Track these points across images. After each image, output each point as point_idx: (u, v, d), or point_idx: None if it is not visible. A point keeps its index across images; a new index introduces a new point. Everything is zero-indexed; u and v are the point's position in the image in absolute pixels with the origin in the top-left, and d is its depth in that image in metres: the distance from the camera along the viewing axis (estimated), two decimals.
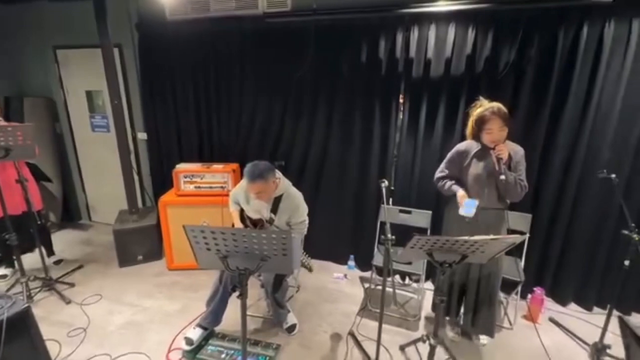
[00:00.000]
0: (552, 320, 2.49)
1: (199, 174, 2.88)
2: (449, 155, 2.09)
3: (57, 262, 3.08)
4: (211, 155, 3.26)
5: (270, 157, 3.05)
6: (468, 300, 2.10)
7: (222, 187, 2.90)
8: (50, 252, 3.08)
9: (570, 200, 2.47)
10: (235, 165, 2.99)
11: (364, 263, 3.10)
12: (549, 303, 2.65)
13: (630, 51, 2.15)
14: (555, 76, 2.30)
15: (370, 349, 2.13)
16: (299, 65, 2.78)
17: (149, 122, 3.39)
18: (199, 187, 2.91)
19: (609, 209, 2.41)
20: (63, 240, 3.58)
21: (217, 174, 2.88)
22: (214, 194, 2.90)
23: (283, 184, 2.14)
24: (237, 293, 1.52)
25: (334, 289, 2.85)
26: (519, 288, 2.45)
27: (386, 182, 1.93)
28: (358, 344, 2.20)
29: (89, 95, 3.60)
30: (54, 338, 2.15)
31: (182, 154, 3.31)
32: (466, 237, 1.52)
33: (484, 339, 2.24)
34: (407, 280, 2.96)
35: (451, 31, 2.43)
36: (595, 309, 2.63)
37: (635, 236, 1.85)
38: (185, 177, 2.88)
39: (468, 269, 2.09)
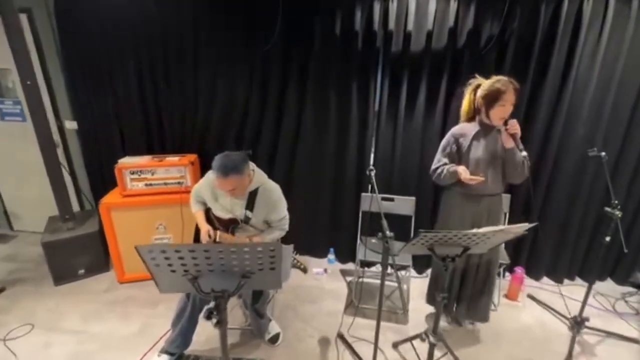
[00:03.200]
0: (530, 296, 2.55)
1: (149, 169, 2.42)
2: (444, 142, 1.91)
3: None
4: (162, 146, 2.77)
5: (235, 145, 2.68)
6: (466, 288, 2.01)
7: (179, 183, 2.48)
8: None
9: (545, 179, 2.49)
10: (193, 157, 2.57)
11: (344, 255, 2.92)
12: (525, 279, 2.72)
13: (606, 27, 2.13)
14: (537, 51, 2.23)
15: (362, 349, 1.97)
16: (265, 38, 2.40)
17: (78, 108, 2.77)
18: (150, 184, 2.45)
19: (580, 186, 2.47)
20: None
21: (171, 168, 2.45)
22: (169, 191, 2.47)
23: (258, 176, 1.84)
24: (213, 320, 1.23)
25: (314, 287, 2.64)
26: (501, 270, 2.46)
27: (374, 170, 1.72)
28: (349, 346, 2.03)
29: None
30: None
31: (126, 145, 2.78)
32: (474, 231, 1.38)
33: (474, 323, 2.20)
34: (389, 269, 2.85)
35: (432, 1, 2.23)
36: (566, 281, 2.75)
37: (617, 213, 1.86)
38: (132, 173, 2.41)
39: (468, 256, 1.99)
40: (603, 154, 1.85)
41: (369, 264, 2.80)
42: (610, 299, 2.55)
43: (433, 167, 1.95)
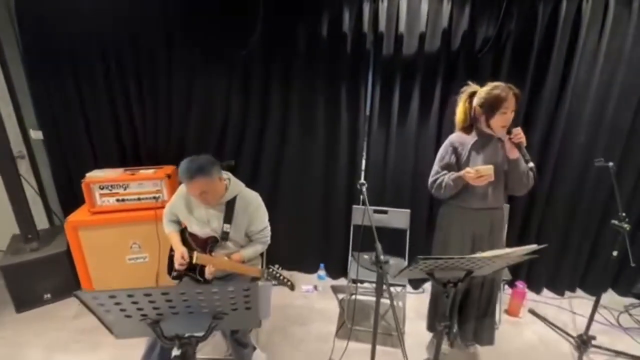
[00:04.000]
0: (532, 312, 2.42)
1: (121, 184, 2.22)
2: (441, 153, 1.75)
3: None
4: (137, 157, 2.56)
5: (216, 155, 2.47)
6: (468, 309, 1.86)
7: (154, 197, 2.28)
8: None
9: (545, 187, 2.37)
10: (169, 169, 2.37)
11: (335, 270, 2.75)
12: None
13: (607, 29, 2.03)
14: (535, 54, 2.11)
15: None
16: (245, 40, 2.23)
17: (44, 116, 2.54)
18: (123, 199, 2.25)
19: (581, 195, 2.36)
20: None
21: (146, 182, 2.25)
22: (144, 207, 2.26)
23: (234, 184, 1.69)
24: None
25: (303, 306, 2.46)
26: (502, 285, 2.32)
27: (366, 184, 1.55)
28: None
29: None
30: None
31: (97, 157, 2.56)
32: (479, 255, 1.22)
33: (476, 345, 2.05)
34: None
35: (424, 2, 2.09)
36: (567, 293, 2.63)
37: (625, 226, 1.74)
38: (102, 188, 2.20)
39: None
40: (611, 164, 1.73)
41: (362, 280, 2.63)
42: (614, 312, 2.43)
43: (431, 179, 1.79)
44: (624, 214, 1.75)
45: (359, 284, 2.62)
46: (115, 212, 2.24)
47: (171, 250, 1.81)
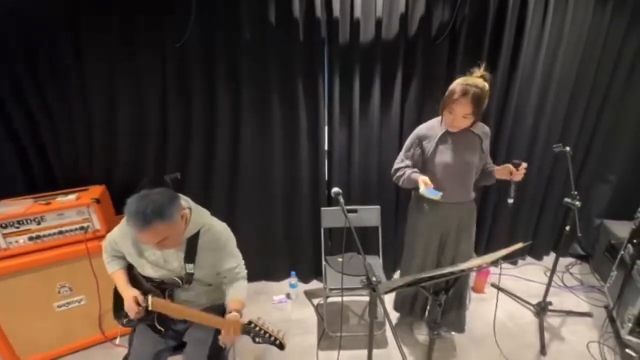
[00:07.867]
0: (494, 285, 2.58)
1: (32, 217, 1.74)
2: (408, 141, 1.70)
3: None
4: (50, 181, 2.04)
5: (156, 170, 2.11)
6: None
7: (82, 228, 1.85)
8: None
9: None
10: (98, 190, 1.94)
11: (307, 274, 2.60)
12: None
13: (549, 12, 2.09)
14: (488, 39, 2.12)
15: None
16: (178, 30, 1.85)
17: None
18: (38, 236, 1.78)
19: (528, 175, 2.50)
20: None
21: (67, 211, 1.80)
22: (69, 241, 1.83)
23: (197, 214, 1.36)
24: None
25: (279, 319, 2.29)
26: None
27: (341, 193, 1.40)
28: None
29: None
30: None
31: None
32: (465, 265, 1.18)
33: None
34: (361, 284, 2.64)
35: None
36: (519, 262, 2.86)
37: (577, 203, 1.88)
38: (5, 227, 1.71)
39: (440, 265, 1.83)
40: (567, 148, 1.83)
41: (345, 289, 2.54)
42: (559, 273, 2.71)
43: (395, 166, 1.74)
44: (575, 193, 1.89)
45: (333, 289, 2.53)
46: (29, 253, 1.77)
47: (116, 293, 1.47)
